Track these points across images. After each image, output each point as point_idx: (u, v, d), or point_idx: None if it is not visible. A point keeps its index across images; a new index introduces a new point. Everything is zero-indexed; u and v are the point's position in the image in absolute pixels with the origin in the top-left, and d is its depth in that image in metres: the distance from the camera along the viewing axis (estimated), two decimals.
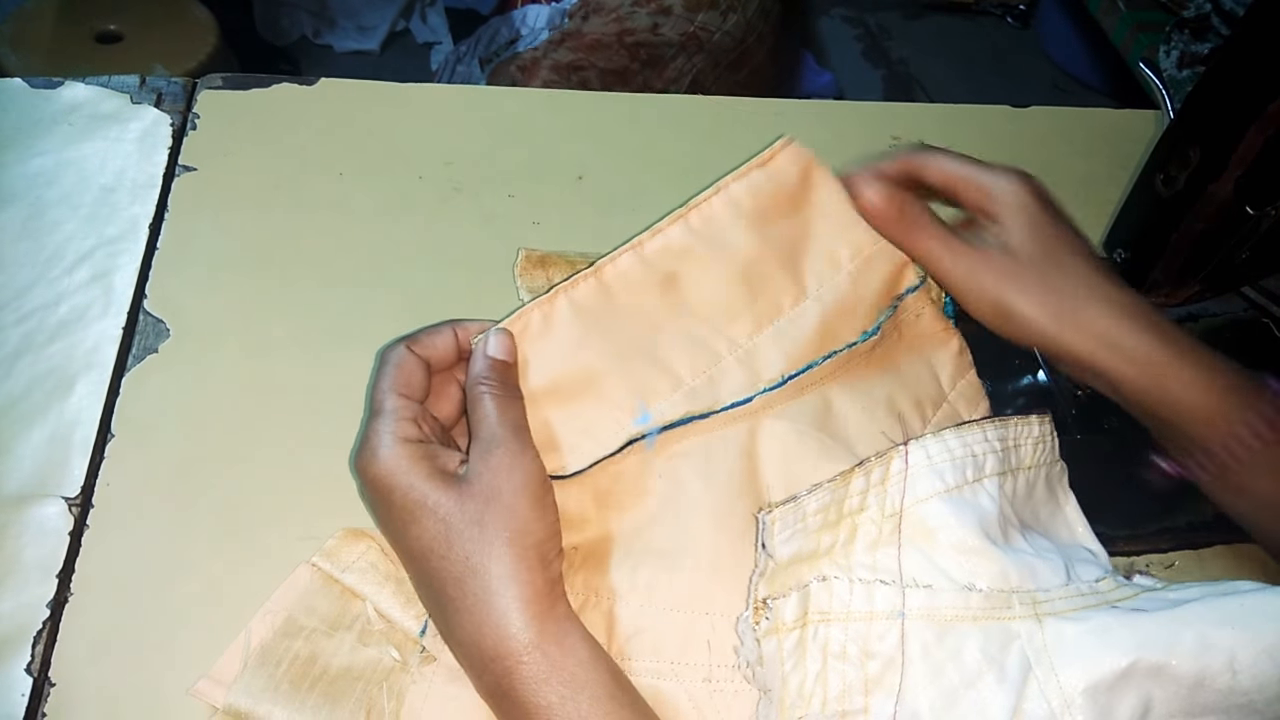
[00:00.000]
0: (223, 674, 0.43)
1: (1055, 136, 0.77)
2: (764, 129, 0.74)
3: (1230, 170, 0.46)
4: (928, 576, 0.39)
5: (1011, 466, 0.43)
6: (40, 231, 0.59)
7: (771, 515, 0.42)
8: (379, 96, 0.71)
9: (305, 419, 0.53)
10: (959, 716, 0.37)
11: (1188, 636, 0.36)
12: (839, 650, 0.39)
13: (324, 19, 2.03)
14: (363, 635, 0.45)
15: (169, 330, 0.55)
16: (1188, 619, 0.37)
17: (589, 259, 0.60)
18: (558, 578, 0.41)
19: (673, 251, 0.47)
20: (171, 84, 0.69)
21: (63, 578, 0.46)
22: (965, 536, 0.39)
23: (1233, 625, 0.37)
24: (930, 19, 2.34)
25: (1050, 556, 0.41)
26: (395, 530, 0.41)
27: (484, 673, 0.39)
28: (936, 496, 0.40)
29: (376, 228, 0.63)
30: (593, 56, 1.36)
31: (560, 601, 0.40)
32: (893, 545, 0.40)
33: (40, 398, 0.52)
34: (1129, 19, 1.62)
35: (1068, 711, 0.36)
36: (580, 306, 0.46)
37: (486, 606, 0.38)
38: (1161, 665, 0.36)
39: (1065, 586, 0.40)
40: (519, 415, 0.43)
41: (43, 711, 0.43)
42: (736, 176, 0.49)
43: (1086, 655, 0.36)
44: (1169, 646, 0.36)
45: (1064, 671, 0.36)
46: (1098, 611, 0.38)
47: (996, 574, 0.39)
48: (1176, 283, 0.52)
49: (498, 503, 0.39)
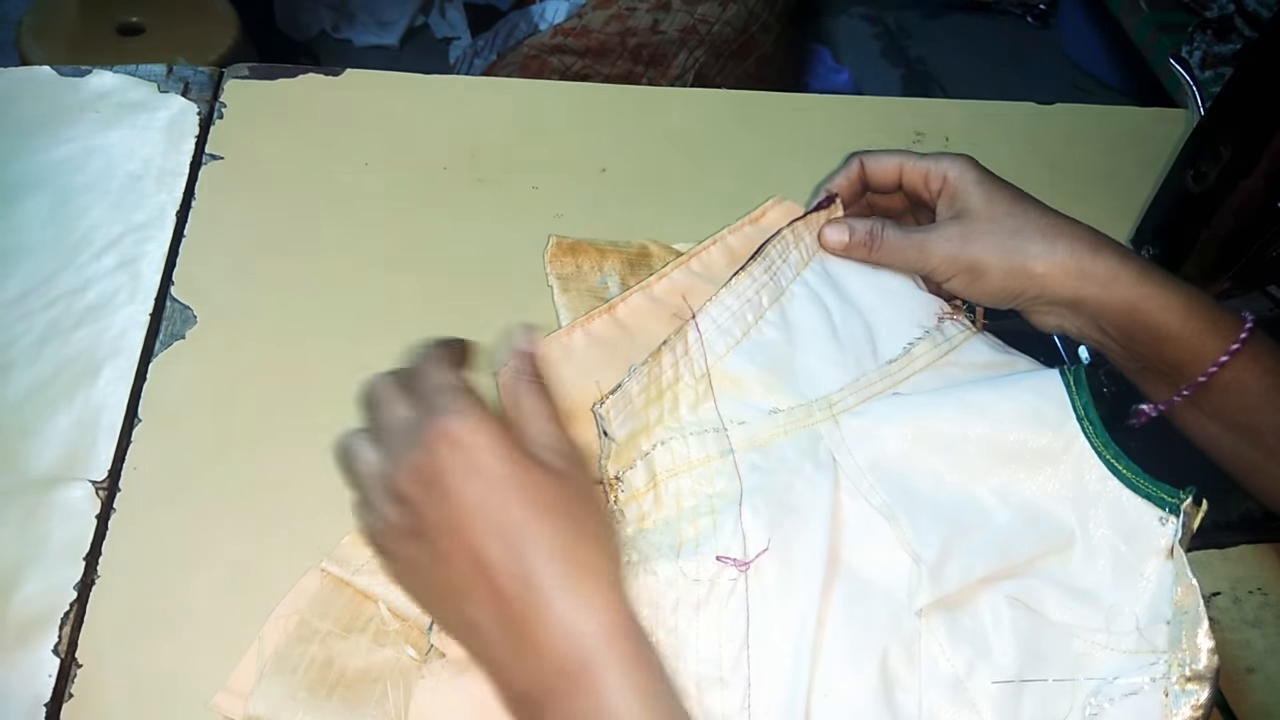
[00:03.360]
0: (239, 684, 0.43)
1: (1079, 134, 0.77)
2: (785, 124, 0.74)
3: (1262, 167, 0.46)
4: (742, 414, 0.48)
5: (784, 287, 0.52)
6: (67, 218, 0.60)
7: (605, 405, 0.49)
8: (404, 88, 0.71)
9: (330, 405, 0.53)
10: (795, 494, 0.44)
11: (947, 404, 0.46)
12: (690, 491, 0.46)
13: (343, 14, 2.04)
14: (377, 636, 0.45)
15: (196, 317, 0.56)
16: (949, 392, 0.46)
17: (617, 246, 0.60)
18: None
19: (677, 290, 0.54)
20: (199, 73, 0.69)
21: (90, 560, 0.46)
22: (759, 373, 0.48)
23: (988, 387, 0.46)
24: (949, 18, 2.33)
25: (849, 349, 0.49)
26: (475, 503, 0.37)
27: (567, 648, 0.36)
28: (730, 351, 0.49)
29: (401, 218, 0.63)
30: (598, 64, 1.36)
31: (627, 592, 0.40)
32: (709, 400, 0.48)
33: (67, 382, 0.53)
34: (1151, 19, 1.61)
35: (865, 483, 0.45)
36: (596, 337, 0.51)
37: (582, 580, 0.37)
38: (932, 432, 0.45)
39: (855, 382, 0.48)
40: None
41: (70, 692, 0.43)
42: (732, 230, 0.56)
43: (871, 439, 0.46)
44: (935, 415, 0.45)
45: (857, 454, 0.46)
46: (880, 400, 0.48)
47: (792, 394, 0.48)
48: (1207, 279, 0.52)
49: (580, 480, 0.40)
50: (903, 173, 0.52)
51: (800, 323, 0.51)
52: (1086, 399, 0.45)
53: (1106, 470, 0.43)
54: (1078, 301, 0.47)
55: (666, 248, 0.61)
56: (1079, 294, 0.47)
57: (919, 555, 0.42)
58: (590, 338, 0.51)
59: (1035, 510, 0.44)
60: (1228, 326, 0.45)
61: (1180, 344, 0.45)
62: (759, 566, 0.42)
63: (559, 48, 1.39)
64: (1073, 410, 0.45)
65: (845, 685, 0.40)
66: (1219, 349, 0.45)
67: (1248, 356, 0.45)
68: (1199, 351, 0.45)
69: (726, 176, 0.69)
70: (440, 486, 0.37)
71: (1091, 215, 0.73)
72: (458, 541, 0.37)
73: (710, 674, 0.41)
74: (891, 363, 0.49)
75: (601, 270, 0.59)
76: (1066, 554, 0.43)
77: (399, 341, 0.56)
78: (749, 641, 0.41)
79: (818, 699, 0.40)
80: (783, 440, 0.47)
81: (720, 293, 0.50)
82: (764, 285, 0.51)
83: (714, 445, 0.47)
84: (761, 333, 0.50)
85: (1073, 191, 0.72)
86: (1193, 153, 0.50)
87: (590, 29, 1.39)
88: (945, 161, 0.51)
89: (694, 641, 0.42)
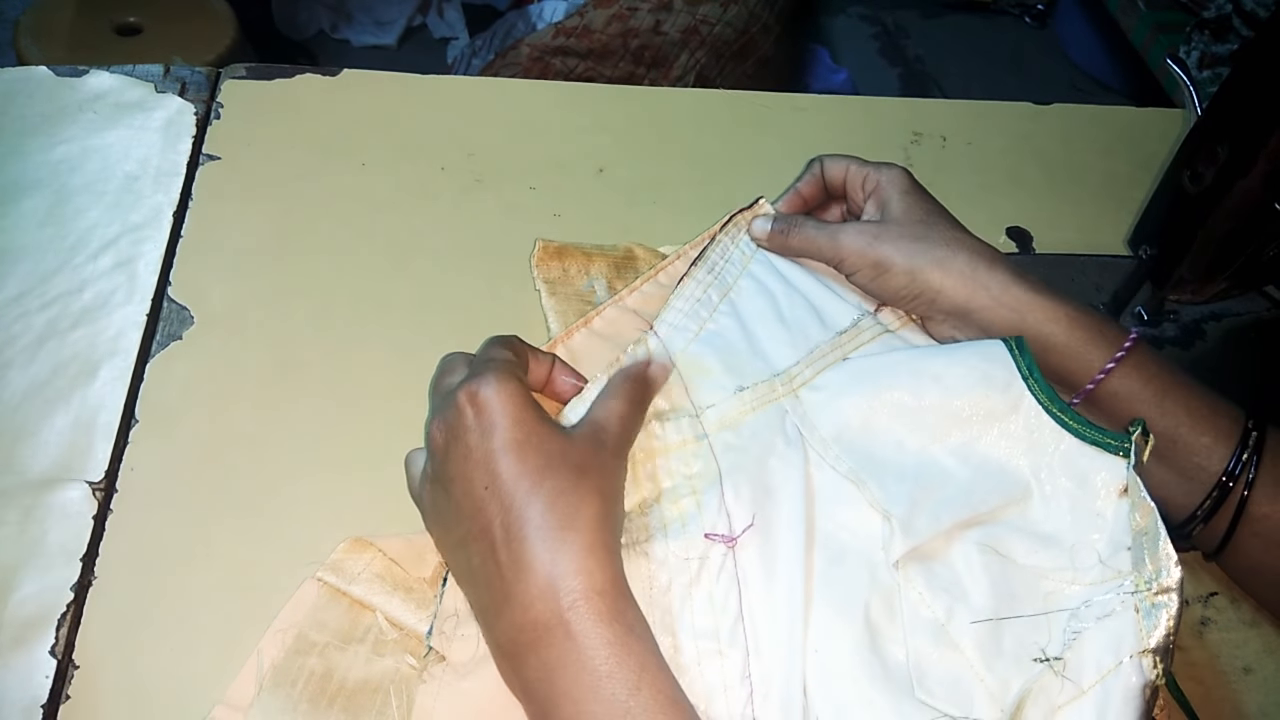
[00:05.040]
0: (238, 698, 0.43)
1: (1077, 134, 0.77)
2: (784, 124, 0.74)
3: (1259, 167, 0.46)
4: (711, 397, 0.51)
5: (731, 283, 0.56)
6: (64, 218, 0.60)
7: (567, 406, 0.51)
8: (401, 88, 0.71)
9: (327, 405, 0.53)
10: (771, 471, 0.47)
11: (902, 373, 0.48)
12: (667, 471, 0.49)
13: (341, 14, 2.04)
14: (376, 646, 0.44)
15: (193, 317, 0.56)
16: (902, 361, 0.49)
17: (603, 250, 0.60)
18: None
19: (647, 300, 0.57)
20: (195, 74, 0.69)
21: (86, 561, 0.46)
22: (720, 357, 0.52)
23: (937, 355, 0.49)
24: (947, 18, 2.34)
25: (797, 329, 0.53)
26: (484, 456, 0.41)
27: (545, 600, 0.39)
28: (690, 344, 0.53)
29: (399, 218, 0.63)
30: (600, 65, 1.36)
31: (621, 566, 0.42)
32: (680, 387, 0.52)
33: (64, 383, 0.53)
34: (1149, 19, 1.61)
35: (831, 454, 0.47)
36: (575, 351, 0.54)
37: (569, 538, 0.40)
38: (888, 401, 0.48)
39: (808, 356, 0.51)
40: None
41: (67, 693, 0.43)
42: (693, 244, 0.58)
43: (831, 411, 0.49)
44: (890, 385, 0.48)
45: (821, 427, 0.48)
46: (834, 370, 0.51)
47: (752, 372, 0.51)
48: (1203, 279, 0.52)
49: (600, 460, 0.43)
50: (848, 173, 0.56)
51: (749, 311, 0.54)
52: (1029, 360, 0.47)
53: (1055, 424, 0.46)
54: (969, 311, 0.50)
55: (652, 250, 0.62)
56: (971, 303, 0.50)
57: (889, 512, 0.45)
58: (570, 353, 0.54)
59: (993, 466, 0.46)
60: (1113, 338, 0.48)
61: (1066, 354, 0.49)
62: (744, 543, 0.45)
63: (561, 49, 1.39)
64: (1018, 371, 0.47)
65: (834, 642, 0.43)
66: (1104, 358, 0.48)
67: (1131, 365, 0.48)
68: (1085, 361, 0.48)
69: (724, 177, 0.69)
70: (461, 440, 0.42)
71: (1089, 215, 0.73)
72: (466, 490, 0.41)
73: (709, 648, 0.43)
74: (841, 334, 0.53)
75: (588, 274, 0.59)
76: (1026, 504, 0.46)
77: (396, 341, 0.57)
78: (743, 614, 0.43)
79: (809, 656, 0.42)
80: (751, 418, 0.50)
81: (671, 299, 0.55)
82: (710, 284, 0.55)
83: (689, 430, 0.50)
84: (716, 323, 0.54)
85: (1070, 191, 0.72)
86: (1190, 153, 0.50)
87: (592, 29, 1.39)
88: (883, 169, 0.55)
89: (689, 619, 0.44)
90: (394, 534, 0.48)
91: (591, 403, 0.48)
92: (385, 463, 0.50)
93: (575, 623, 0.38)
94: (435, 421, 0.43)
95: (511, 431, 0.41)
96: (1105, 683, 0.39)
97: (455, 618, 0.44)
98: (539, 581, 0.39)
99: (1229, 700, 0.48)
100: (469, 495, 0.41)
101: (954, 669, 0.42)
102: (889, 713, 0.41)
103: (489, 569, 0.40)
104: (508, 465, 0.40)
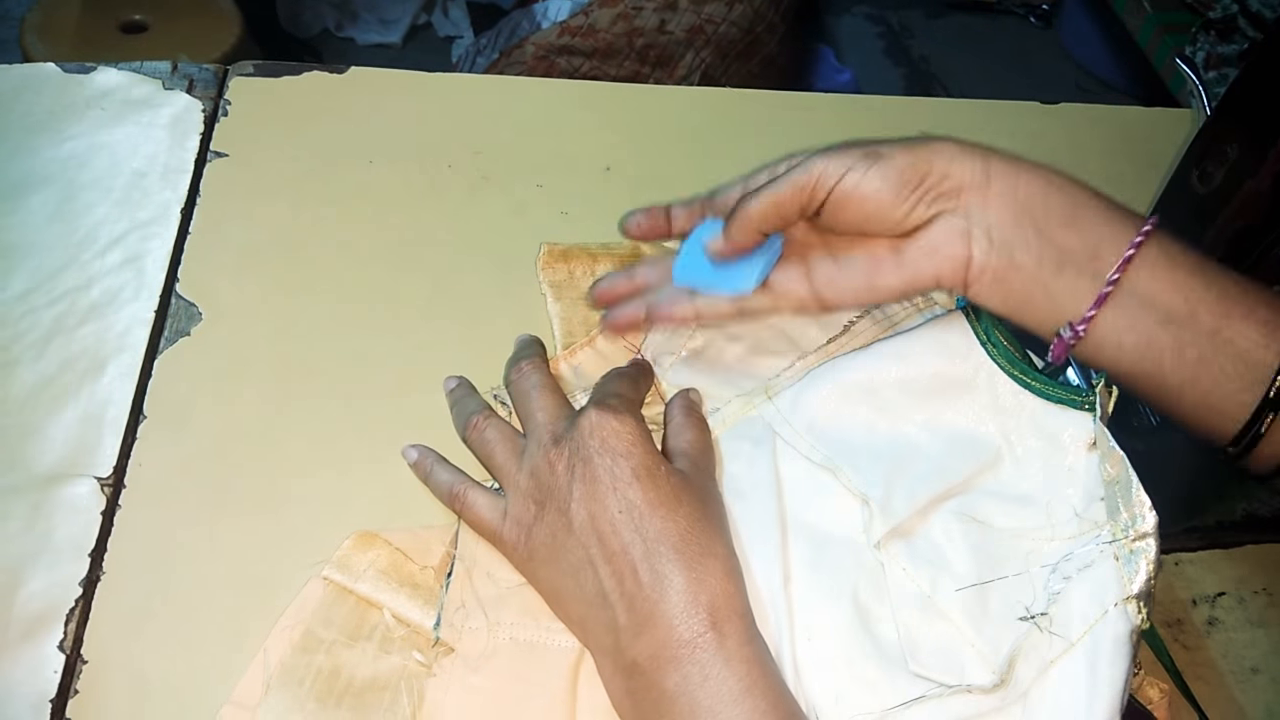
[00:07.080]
0: (245, 697, 0.42)
1: (1083, 134, 0.77)
2: (790, 123, 0.74)
3: (1269, 166, 0.46)
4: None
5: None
6: (72, 215, 0.60)
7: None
8: (409, 86, 0.71)
9: (335, 401, 0.53)
10: (737, 479, 0.49)
11: (862, 356, 0.49)
12: None
13: (346, 12, 2.04)
14: (384, 643, 0.44)
15: (201, 314, 0.56)
16: (864, 348, 0.50)
17: (609, 249, 0.61)
18: None
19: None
20: (203, 70, 0.69)
21: (95, 556, 0.46)
22: (701, 379, 0.53)
23: (898, 334, 0.50)
24: (952, 18, 2.33)
25: (783, 337, 0.54)
26: (616, 484, 0.43)
27: (691, 618, 0.41)
28: (671, 368, 0.54)
29: (406, 215, 0.63)
30: (605, 65, 1.36)
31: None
32: (657, 406, 0.53)
33: (72, 379, 0.53)
34: (1154, 20, 1.61)
35: (805, 444, 0.49)
36: (581, 368, 0.55)
37: (709, 564, 0.42)
38: (852, 384, 0.49)
39: (789, 369, 0.53)
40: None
41: (75, 688, 0.43)
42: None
43: (802, 404, 0.50)
44: (852, 369, 0.49)
45: (794, 421, 0.49)
46: (809, 371, 0.51)
47: (730, 390, 0.53)
48: None
49: (712, 491, 0.46)
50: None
51: (731, 329, 0.55)
52: (987, 324, 0.47)
53: (1017, 386, 0.46)
54: (985, 184, 0.45)
55: (659, 247, 0.62)
56: (988, 172, 0.45)
57: (867, 496, 0.46)
58: (574, 370, 0.55)
59: (962, 436, 0.47)
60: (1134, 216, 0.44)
61: (1097, 215, 0.44)
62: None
63: (566, 48, 1.39)
64: (975, 337, 0.47)
65: (825, 628, 0.44)
66: (1132, 229, 0.43)
67: (1157, 246, 0.43)
68: (1113, 225, 0.44)
69: (729, 175, 0.69)
70: (588, 467, 0.44)
71: None
72: (595, 514, 0.43)
73: None
74: (831, 341, 0.53)
75: (594, 274, 0.59)
76: (998, 469, 0.46)
77: (404, 337, 0.57)
78: None
79: (802, 644, 0.43)
80: (733, 430, 0.51)
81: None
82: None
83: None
84: (694, 340, 0.55)
85: None
86: (1198, 153, 0.50)
87: (597, 28, 1.39)
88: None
89: None
90: (401, 527, 0.48)
91: (664, 436, 0.49)
92: (393, 459, 0.50)
93: (722, 641, 0.40)
94: (552, 451, 0.45)
95: (644, 460, 0.44)
96: (1093, 633, 0.40)
97: (463, 609, 0.45)
98: (685, 600, 0.41)
99: (1236, 700, 0.48)
100: (599, 519, 0.43)
101: (944, 638, 0.42)
102: (886, 690, 0.42)
103: (628, 589, 0.42)
104: (643, 492, 0.43)
